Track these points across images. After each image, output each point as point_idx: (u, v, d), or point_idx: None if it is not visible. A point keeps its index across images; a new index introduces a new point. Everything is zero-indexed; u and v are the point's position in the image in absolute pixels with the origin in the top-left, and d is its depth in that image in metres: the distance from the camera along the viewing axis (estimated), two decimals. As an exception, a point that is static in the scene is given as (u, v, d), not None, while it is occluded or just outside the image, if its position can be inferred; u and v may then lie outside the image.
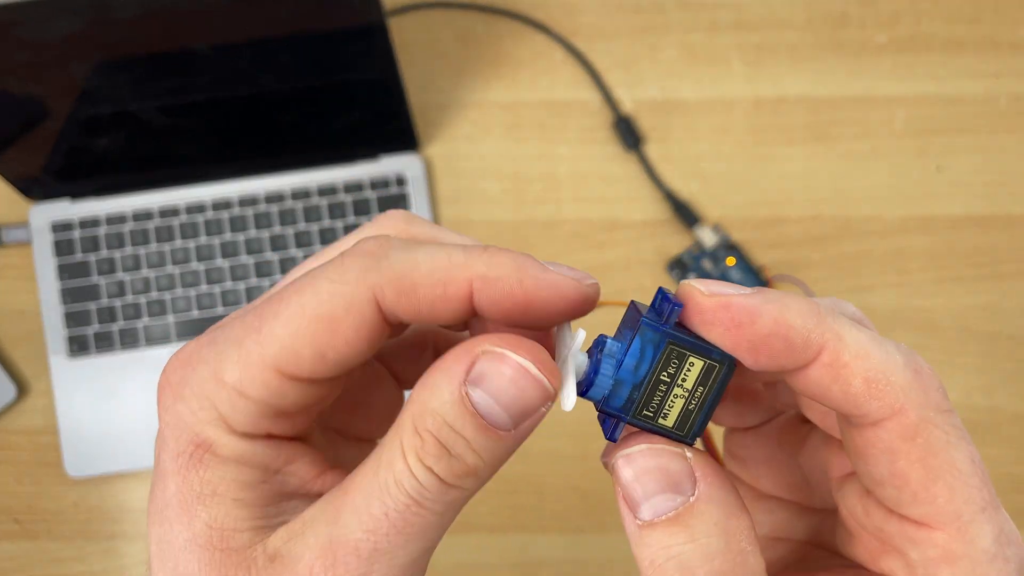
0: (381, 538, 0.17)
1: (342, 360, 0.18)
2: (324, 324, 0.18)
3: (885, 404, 0.17)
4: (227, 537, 0.18)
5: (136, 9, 0.50)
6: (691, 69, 0.64)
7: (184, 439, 0.18)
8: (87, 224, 0.61)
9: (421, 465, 0.17)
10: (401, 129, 0.61)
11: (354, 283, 0.18)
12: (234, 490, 0.18)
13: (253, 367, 0.18)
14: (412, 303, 0.18)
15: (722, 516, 0.17)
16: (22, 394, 0.61)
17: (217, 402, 0.18)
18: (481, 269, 0.18)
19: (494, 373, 0.17)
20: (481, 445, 0.17)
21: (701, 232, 0.60)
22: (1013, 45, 0.64)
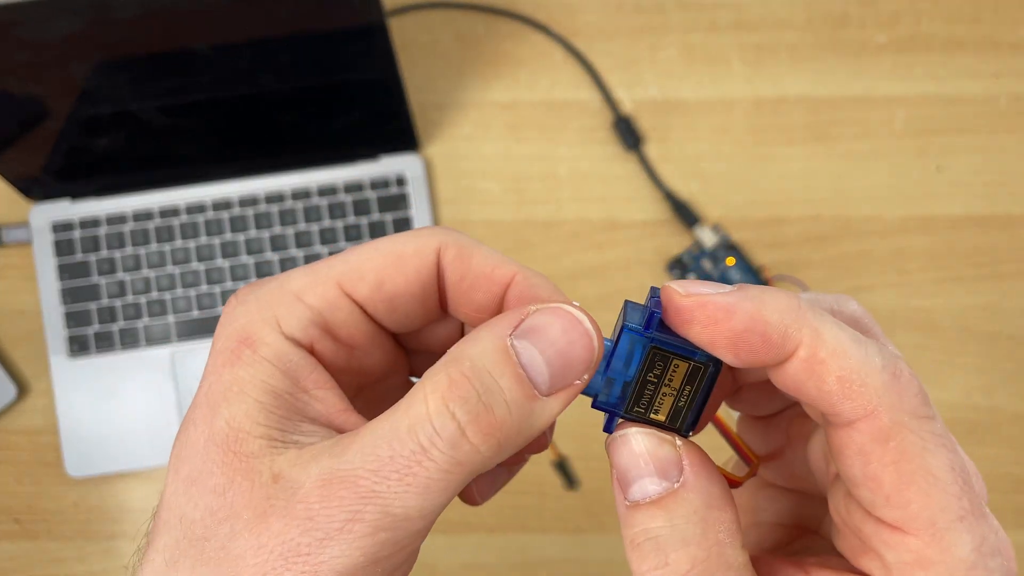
0: (381, 480, 0.17)
1: (392, 300, 0.20)
2: (392, 257, 0.20)
3: (858, 405, 0.17)
4: (241, 440, 0.18)
5: (136, 9, 0.50)
6: (691, 69, 0.64)
7: (232, 337, 0.19)
8: (87, 224, 0.61)
9: (445, 409, 0.17)
10: (401, 129, 0.61)
11: (427, 235, 0.20)
12: (259, 391, 0.18)
13: (318, 279, 0.19)
14: (464, 268, 0.20)
15: (703, 505, 0.17)
16: (22, 394, 0.61)
17: (275, 304, 0.19)
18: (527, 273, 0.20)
19: (546, 324, 0.18)
20: (514, 397, 0.17)
21: (701, 232, 0.60)
22: (1013, 45, 0.64)
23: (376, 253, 0.20)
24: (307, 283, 0.19)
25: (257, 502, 0.17)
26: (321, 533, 0.17)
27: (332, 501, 0.17)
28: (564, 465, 0.59)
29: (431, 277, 0.20)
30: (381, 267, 0.20)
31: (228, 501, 0.17)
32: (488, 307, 0.20)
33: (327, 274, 0.19)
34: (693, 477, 0.18)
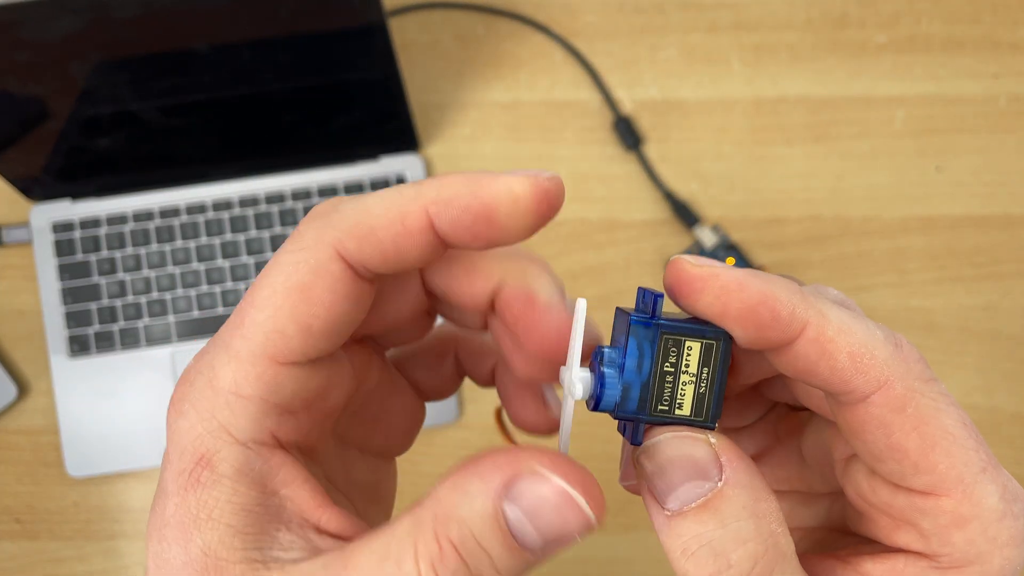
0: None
1: (327, 328, 0.18)
2: (297, 294, 0.17)
3: (871, 378, 0.17)
4: (221, 567, 0.17)
5: (136, 9, 0.50)
6: (691, 69, 0.64)
7: (186, 456, 0.18)
8: (88, 224, 0.61)
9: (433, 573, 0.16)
10: (401, 129, 0.61)
11: (314, 245, 0.18)
12: (228, 514, 0.18)
13: (244, 363, 0.17)
14: (375, 247, 0.18)
15: (751, 499, 0.17)
16: (23, 394, 0.61)
17: (216, 411, 0.18)
18: (432, 194, 0.18)
19: (536, 495, 0.17)
20: (505, 565, 0.17)
21: (701, 232, 0.61)
22: (1013, 45, 0.64)
23: (280, 298, 0.17)
24: (236, 373, 0.17)
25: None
26: None
27: None
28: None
29: (351, 284, 0.18)
30: (294, 312, 0.17)
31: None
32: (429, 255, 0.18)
33: (250, 351, 0.17)
34: (734, 473, 0.17)
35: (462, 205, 0.17)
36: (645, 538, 0.59)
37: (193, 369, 0.18)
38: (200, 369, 0.18)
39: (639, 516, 0.59)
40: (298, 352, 0.18)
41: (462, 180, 0.18)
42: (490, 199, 0.17)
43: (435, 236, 0.18)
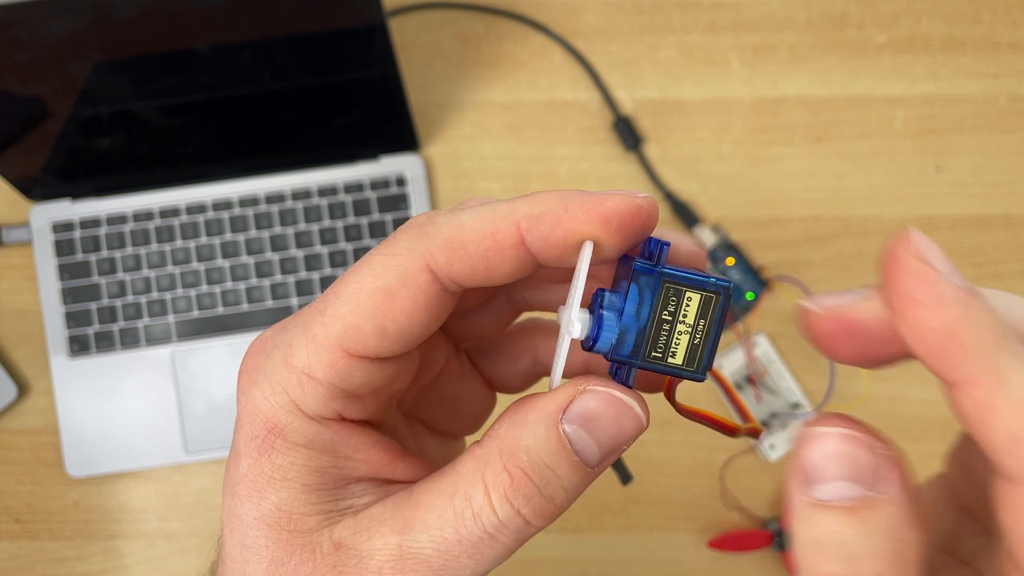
0: (452, 560, 0.18)
1: (403, 333, 0.18)
2: (382, 297, 0.18)
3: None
4: (295, 520, 0.19)
5: (136, 9, 0.50)
6: (691, 69, 0.64)
7: (258, 423, 0.19)
8: (88, 224, 0.62)
9: (509, 505, 0.17)
10: (401, 129, 0.61)
11: (406, 253, 0.18)
12: (304, 475, 0.19)
13: (320, 349, 0.18)
14: (465, 261, 0.18)
15: (899, 524, 0.16)
16: (23, 394, 0.61)
17: (288, 387, 0.19)
18: (525, 210, 0.18)
19: (590, 409, 0.18)
20: (571, 482, 0.18)
21: (701, 232, 0.61)
22: (1013, 45, 0.64)
23: (365, 296, 0.18)
24: (311, 356, 0.18)
25: (324, 570, 0.18)
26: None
27: (406, 573, 0.18)
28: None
29: (435, 298, 0.19)
30: (375, 313, 0.18)
31: (290, 570, 0.19)
32: (519, 271, 0.19)
33: (327, 339, 0.18)
34: (895, 491, 0.16)
35: (553, 221, 0.18)
36: (645, 538, 0.59)
37: (270, 341, 0.19)
38: (277, 344, 0.19)
39: (639, 516, 0.59)
40: (371, 350, 0.18)
41: (555, 197, 0.18)
42: (582, 218, 0.18)
43: (526, 252, 0.18)
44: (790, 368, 0.60)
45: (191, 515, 0.60)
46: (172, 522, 0.60)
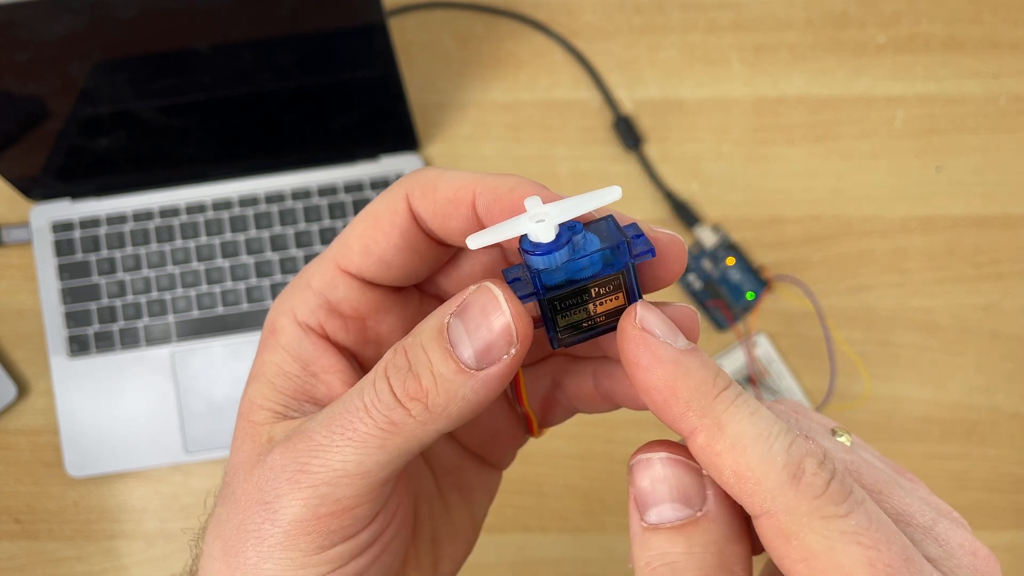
0: (328, 435, 0.19)
1: (383, 255, 0.21)
2: (371, 220, 0.21)
3: (755, 503, 0.16)
4: (253, 411, 0.21)
5: (136, 9, 0.50)
6: (691, 69, 0.64)
7: (266, 326, 0.22)
8: (87, 224, 0.61)
9: (383, 376, 0.19)
10: (401, 129, 0.61)
11: (396, 188, 0.21)
12: (273, 374, 0.22)
13: (322, 264, 0.22)
14: (431, 202, 0.20)
15: (721, 537, 0.17)
16: (23, 394, 0.61)
17: (294, 295, 0.22)
18: (488, 181, 0.20)
19: (473, 305, 0.19)
20: (440, 371, 0.18)
21: (701, 232, 0.60)
22: (1013, 45, 0.64)
23: (358, 221, 0.21)
24: (314, 270, 0.22)
25: (253, 459, 0.20)
26: (278, 483, 0.19)
27: (288, 454, 0.19)
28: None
29: (409, 225, 0.21)
30: (362, 233, 0.21)
31: (238, 457, 0.21)
32: (469, 230, 0.20)
33: (326, 256, 0.22)
34: (716, 508, 0.17)
35: (496, 195, 0.20)
36: (645, 538, 0.59)
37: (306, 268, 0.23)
38: (307, 269, 0.22)
39: (639, 516, 0.59)
40: (355, 266, 0.21)
41: (513, 179, 0.20)
42: (519, 200, 0.19)
43: (475, 214, 0.20)
44: (790, 368, 0.60)
45: (191, 515, 0.60)
46: (172, 522, 0.60)
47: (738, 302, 0.60)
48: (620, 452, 0.59)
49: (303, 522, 0.19)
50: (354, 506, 0.19)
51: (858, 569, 0.16)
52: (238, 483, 0.20)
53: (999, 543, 0.59)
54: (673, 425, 0.17)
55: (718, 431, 0.17)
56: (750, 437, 0.17)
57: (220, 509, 0.21)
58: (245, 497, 0.20)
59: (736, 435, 0.17)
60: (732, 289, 0.60)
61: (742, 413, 0.17)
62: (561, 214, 0.19)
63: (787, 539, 0.16)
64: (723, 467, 0.17)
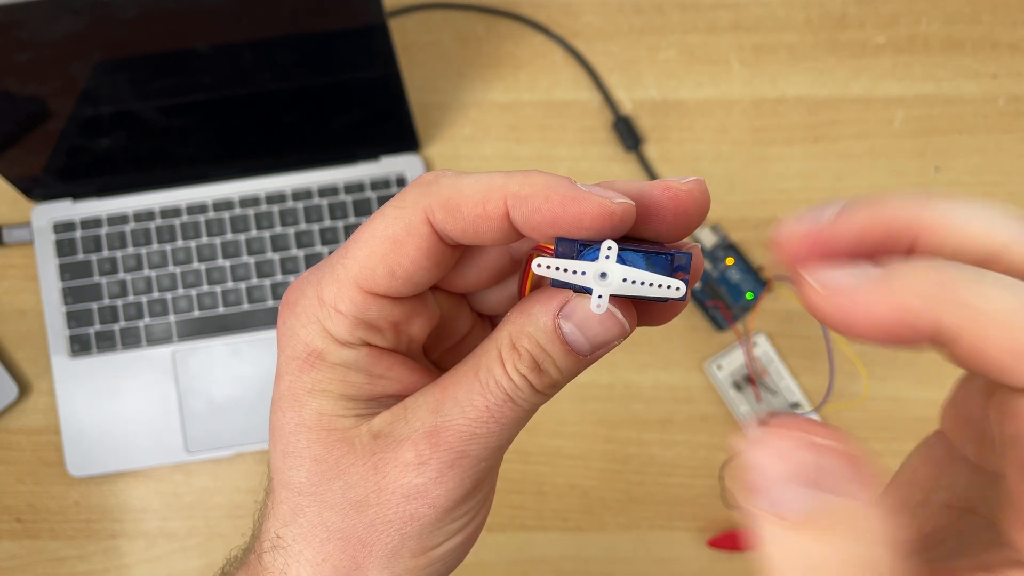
0: (480, 425, 0.21)
1: (410, 277, 0.21)
2: (391, 244, 0.21)
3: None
4: (333, 421, 0.22)
5: (136, 9, 0.50)
6: (690, 70, 0.64)
7: (298, 347, 0.22)
8: (89, 224, 0.62)
9: (517, 373, 0.21)
10: (402, 129, 0.61)
11: (411, 206, 0.21)
12: (340, 388, 0.22)
13: (343, 287, 0.21)
14: (458, 222, 0.20)
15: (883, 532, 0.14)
16: (24, 394, 0.61)
17: (321, 318, 0.22)
18: (515, 188, 0.20)
19: (586, 318, 0.20)
20: (563, 364, 0.21)
21: (700, 232, 0.61)
22: (1012, 46, 0.64)
23: (377, 243, 0.21)
24: (336, 293, 0.21)
25: (364, 458, 0.22)
26: (435, 472, 0.21)
27: (441, 446, 0.21)
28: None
29: (433, 245, 0.21)
30: (385, 258, 0.21)
31: (332, 462, 0.22)
32: (504, 238, 0.21)
33: (347, 279, 0.21)
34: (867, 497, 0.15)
35: (535, 205, 0.20)
36: (645, 537, 0.59)
37: (305, 280, 0.23)
38: (311, 281, 0.22)
39: (639, 515, 0.59)
40: (382, 288, 0.21)
41: (543, 182, 0.20)
42: (560, 208, 0.19)
43: (511, 224, 0.20)
44: (790, 368, 0.60)
45: (192, 514, 0.60)
46: (173, 521, 0.60)
47: (737, 302, 0.60)
48: (620, 452, 0.59)
49: (467, 496, 0.22)
50: (498, 468, 0.23)
51: None
52: (355, 485, 0.22)
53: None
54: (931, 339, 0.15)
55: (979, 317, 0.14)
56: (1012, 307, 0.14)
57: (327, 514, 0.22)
58: (379, 494, 0.21)
59: (995, 311, 0.14)
60: (731, 289, 0.60)
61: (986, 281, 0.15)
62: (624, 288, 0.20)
63: None
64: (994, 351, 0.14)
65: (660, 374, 0.60)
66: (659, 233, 0.21)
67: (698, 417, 0.60)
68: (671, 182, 0.21)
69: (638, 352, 0.61)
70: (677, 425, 0.60)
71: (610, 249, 0.19)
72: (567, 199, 0.19)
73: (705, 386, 0.60)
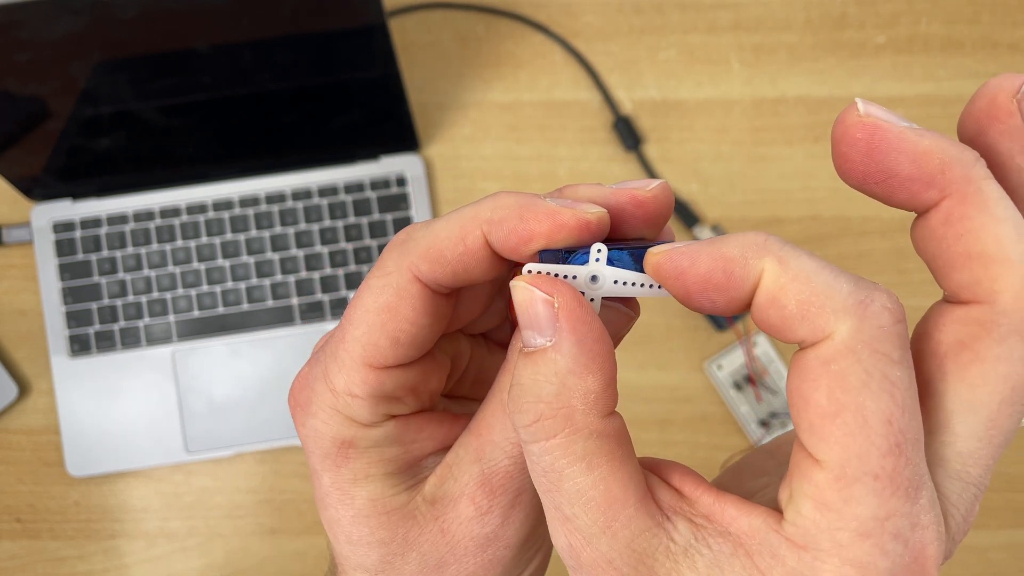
0: (525, 468, 0.21)
1: (415, 339, 0.21)
2: (386, 314, 0.21)
3: (816, 327, 0.16)
4: (387, 503, 0.22)
5: (136, 9, 0.50)
6: (690, 70, 0.64)
7: (327, 444, 0.22)
8: (88, 224, 0.62)
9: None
10: (401, 129, 0.61)
11: (395, 271, 0.21)
12: (382, 467, 0.22)
13: (351, 371, 0.21)
14: (445, 268, 0.20)
15: (564, 368, 0.18)
16: (24, 394, 0.61)
17: (340, 408, 0.21)
18: (487, 214, 0.20)
19: None
20: None
21: (700, 232, 0.61)
22: (1012, 46, 0.64)
23: (372, 316, 0.21)
24: (347, 379, 0.21)
25: (429, 525, 0.22)
26: (499, 518, 0.21)
27: (497, 492, 0.21)
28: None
29: (428, 299, 0.21)
30: (384, 328, 0.21)
31: (400, 540, 0.22)
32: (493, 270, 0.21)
33: (353, 362, 0.21)
34: (562, 340, 0.18)
35: (510, 227, 0.19)
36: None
37: (309, 375, 0.22)
38: (316, 376, 0.22)
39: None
40: (391, 359, 0.21)
41: (514, 202, 0.20)
42: (535, 225, 0.19)
43: (490, 251, 0.20)
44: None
45: (192, 514, 0.60)
46: (173, 521, 0.60)
47: (737, 302, 0.60)
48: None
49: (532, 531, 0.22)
50: None
51: (876, 419, 0.15)
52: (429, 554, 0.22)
53: (997, 542, 0.59)
54: (742, 285, 0.17)
55: (781, 264, 0.16)
56: (813, 269, 0.16)
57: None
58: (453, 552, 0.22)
59: (799, 266, 0.16)
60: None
61: (798, 250, 0.17)
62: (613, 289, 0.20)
63: (827, 363, 0.15)
64: (787, 297, 0.16)
65: (660, 374, 0.60)
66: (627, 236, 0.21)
67: (698, 417, 0.60)
68: (635, 190, 0.20)
69: (638, 352, 0.61)
70: (677, 425, 0.60)
71: (600, 252, 0.19)
72: (542, 214, 0.19)
73: (705, 386, 0.60)
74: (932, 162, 0.16)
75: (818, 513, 0.16)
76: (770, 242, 0.17)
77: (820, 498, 0.16)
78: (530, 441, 0.18)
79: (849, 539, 0.15)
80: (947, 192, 0.16)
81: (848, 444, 0.15)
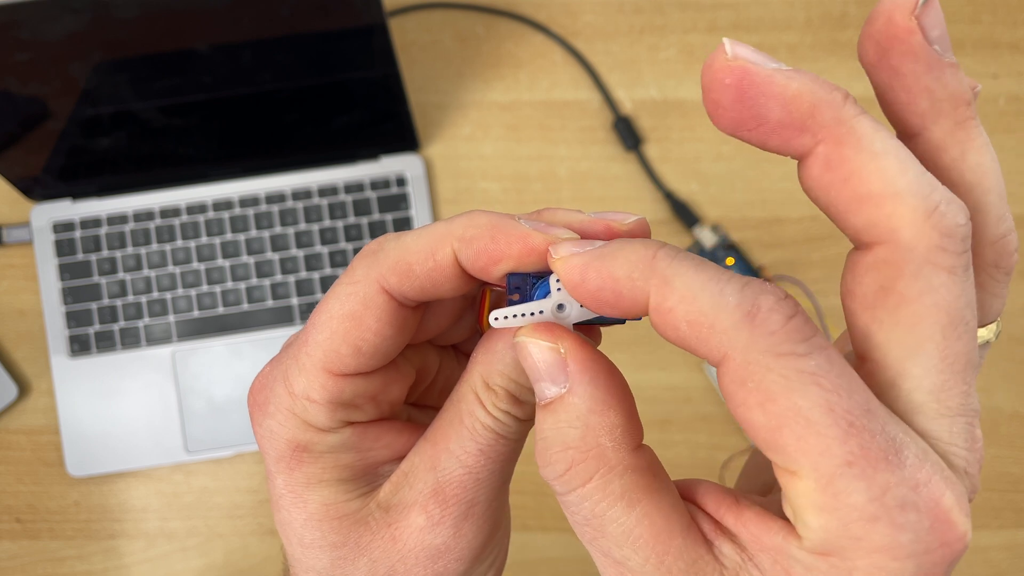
0: (479, 469, 0.21)
1: (377, 350, 0.21)
2: (350, 322, 0.20)
3: (712, 348, 0.16)
4: (339, 508, 0.22)
5: (136, 9, 0.50)
6: (691, 69, 0.64)
7: (281, 445, 0.22)
8: (88, 224, 0.62)
9: (498, 410, 0.21)
10: (401, 129, 0.61)
11: (363, 280, 0.20)
12: (336, 473, 0.22)
13: (311, 375, 0.21)
14: (413, 281, 0.20)
15: (585, 410, 0.18)
16: (23, 394, 0.61)
17: (296, 411, 0.21)
18: (459, 232, 0.20)
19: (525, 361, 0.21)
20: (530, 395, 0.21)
21: (700, 232, 0.61)
22: (1012, 46, 0.64)
23: (336, 323, 0.21)
24: (306, 382, 0.21)
25: (381, 531, 0.22)
26: (451, 528, 0.22)
27: (449, 502, 0.21)
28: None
29: (393, 311, 0.21)
30: (347, 336, 0.21)
31: (352, 544, 0.22)
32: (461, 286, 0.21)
33: (313, 366, 0.21)
34: (576, 383, 0.18)
35: (480, 247, 0.20)
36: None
37: (269, 376, 0.22)
38: (275, 376, 0.22)
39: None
40: (351, 368, 0.21)
41: (486, 222, 0.20)
42: (505, 246, 0.19)
43: (460, 269, 0.20)
44: (790, 368, 0.60)
45: (192, 514, 0.60)
46: (173, 521, 0.60)
47: (738, 302, 0.60)
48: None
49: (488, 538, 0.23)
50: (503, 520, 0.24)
51: (816, 412, 0.15)
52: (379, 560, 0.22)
53: (998, 542, 0.59)
54: (632, 307, 0.17)
55: (665, 287, 0.16)
56: (698, 283, 0.16)
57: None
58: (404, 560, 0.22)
59: (683, 285, 0.16)
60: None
61: (686, 263, 0.16)
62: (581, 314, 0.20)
63: (743, 383, 0.15)
64: (677, 321, 0.16)
65: (659, 374, 0.60)
66: None
67: (698, 417, 0.60)
68: (612, 222, 0.20)
69: (637, 352, 0.61)
70: (677, 425, 0.60)
71: (559, 281, 0.19)
72: (513, 237, 0.19)
73: (705, 386, 0.60)
74: (802, 106, 0.16)
75: (822, 519, 0.15)
76: (657, 258, 0.17)
77: (815, 505, 0.15)
78: (566, 491, 0.18)
79: (862, 530, 0.15)
80: (820, 137, 0.16)
81: (805, 448, 0.15)
